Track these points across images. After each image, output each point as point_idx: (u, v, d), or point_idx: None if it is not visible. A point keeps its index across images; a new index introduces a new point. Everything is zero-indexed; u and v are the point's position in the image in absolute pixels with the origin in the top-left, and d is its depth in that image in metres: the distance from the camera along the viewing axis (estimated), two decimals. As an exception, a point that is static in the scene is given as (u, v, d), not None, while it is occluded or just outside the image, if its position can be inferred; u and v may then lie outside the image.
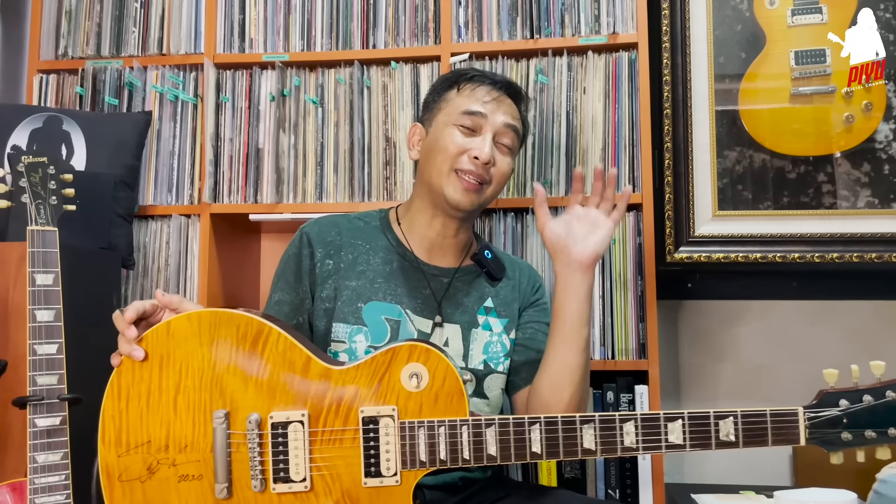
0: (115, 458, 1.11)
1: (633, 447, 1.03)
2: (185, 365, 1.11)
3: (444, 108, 1.40)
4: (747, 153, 1.99)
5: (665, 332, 2.08)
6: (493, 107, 1.37)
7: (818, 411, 1.00)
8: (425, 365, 1.09)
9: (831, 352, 2.03)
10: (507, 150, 1.39)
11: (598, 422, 1.04)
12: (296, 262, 1.39)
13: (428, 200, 1.40)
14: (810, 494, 1.48)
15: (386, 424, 1.08)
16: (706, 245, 1.98)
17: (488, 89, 1.39)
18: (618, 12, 1.91)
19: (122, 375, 1.12)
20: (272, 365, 1.11)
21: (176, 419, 1.10)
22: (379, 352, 1.11)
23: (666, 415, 1.03)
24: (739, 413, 1.01)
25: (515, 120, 1.41)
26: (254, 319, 1.12)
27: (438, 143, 1.37)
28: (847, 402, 1.00)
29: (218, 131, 2.00)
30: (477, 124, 1.36)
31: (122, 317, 1.13)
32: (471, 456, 1.07)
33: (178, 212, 1.97)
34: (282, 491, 1.09)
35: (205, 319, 1.12)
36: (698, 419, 1.02)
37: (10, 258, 1.49)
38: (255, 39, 2.03)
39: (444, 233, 1.41)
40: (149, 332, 1.12)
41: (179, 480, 1.10)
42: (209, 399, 1.10)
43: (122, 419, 1.11)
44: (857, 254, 1.92)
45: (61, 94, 2.07)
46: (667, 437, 1.02)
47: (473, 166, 1.33)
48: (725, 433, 1.01)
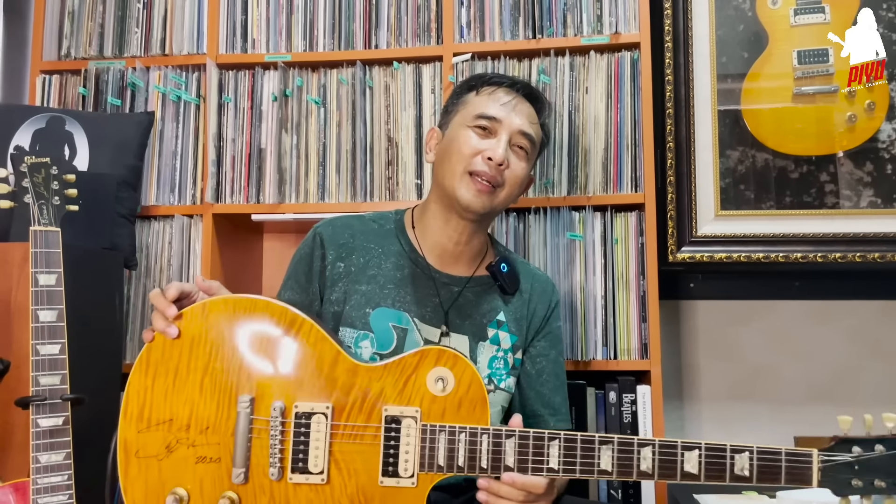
0: (134, 434, 1.11)
1: (648, 472, 1.03)
2: (215, 347, 1.12)
3: (461, 111, 1.39)
4: (750, 153, 1.99)
5: (667, 332, 2.08)
6: (509, 109, 1.35)
7: (832, 455, 1.01)
8: (452, 370, 1.10)
9: (834, 352, 2.03)
10: (522, 154, 1.37)
11: (617, 444, 1.05)
12: (307, 262, 1.39)
13: (442, 203, 1.38)
14: (813, 495, 1.48)
15: (408, 425, 1.09)
16: (708, 245, 1.98)
17: (506, 91, 1.38)
18: (620, 12, 1.91)
19: (152, 352, 1.13)
20: (302, 356, 1.12)
21: (201, 400, 1.11)
22: (408, 353, 1.12)
23: (684, 444, 1.03)
24: (756, 449, 1.01)
25: (533, 124, 1.38)
26: (288, 310, 1.13)
27: (453, 144, 1.36)
28: (860, 449, 1.01)
29: (220, 131, 2.00)
30: (492, 127, 1.34)
31: (163, 295, 1.13)
32: (488, 465, 1.07)
33: (180, 212, 1.97)
34: (298, 481, 1.09)
35: (241, 305, 1.13)
36: (715, 451, 1.02)
37: (14, 258, 1.49)
38: (258, 40, 2.03)
39: (457, 238, 1.38)
40: (185, 311, 1.13)
41: (197, 462, 1.10)
42: (236, 383, 1.11)
43: (146, 395, 1.11)
44: (859, 254, 1.91)
45: (64, 95, 2.07)
46: (683, 465, 1.02)
47: (487, 167, 1.31)
48: (740, 468, 1.01)
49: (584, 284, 1.85)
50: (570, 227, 1.85)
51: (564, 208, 1.85)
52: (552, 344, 1.44)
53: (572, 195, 1.87)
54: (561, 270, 1.84)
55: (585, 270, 1.85)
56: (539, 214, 1.87)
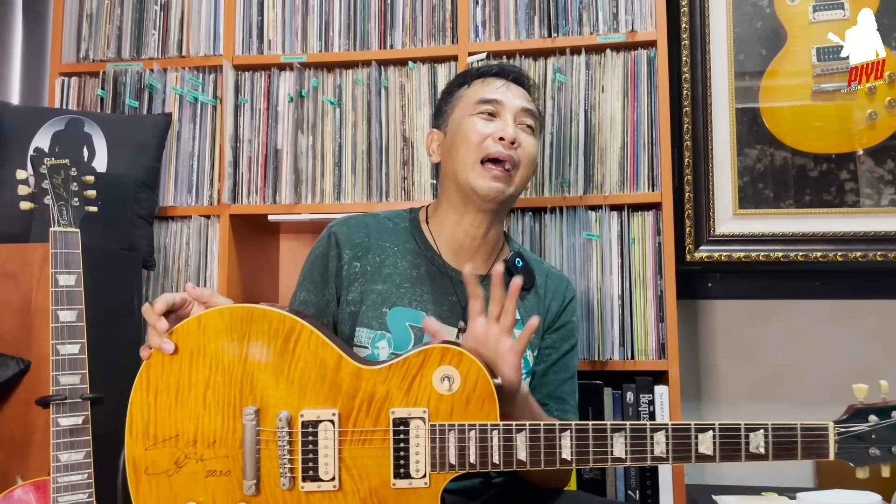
0: (141, 451, 1.11)
1: (662, 457, 1.02)
2: (215, 360, 1.11)
3: (459, 105, 1.40)
4: (768, 151, 1.97)
5: (685, 332, 2.06)
6: (506, 91, 1.37)
7: (848, 426, 0.99)
8: (457, 368, 1.08)
9: (855, 352, 2.00)
10: (529, 131, 1.38)
11: (629, 430, 1.04)
12: (322, 262, 1.37)
13: (456, 199, 1.37)
14: (834, 496, 1.46)
15: (416, 426, 1.08)
16: (727, 244, 1.96)
17: (496, 78, 1.39)
18: (636, 10, 1.89)
19: (151, 368, 1.12)
20: (304, 363, 1.10)
21: (205, 414, 1.10)
22: (411, 353, 1.10)
23: (697, 425, 1.02)
24: (770, 426, 1.00)
25: (530, 103, 1.40)
26: (287, 316, 1.11)
27: (459, 135, 1.35)
28: (876, 417, 1.00)
29: (237, 132, 2.01)
30: (496, 109, 1.35)
31: (153, 309, 1.11)
32: (500, 461, 1.06)
33: (197, 213, 1.99)
34: (310, 490, 1.08)
35: (237, 315, 1.11)
36: (729, 431, 1.01)
37: (34, 259, 1.50)
38: (274, 41, 2.04)
39: (474, 233, 1.37)
40: (180, 326, 1.12)
41: (207, 475, 1.10)
42: (239, 395, 1.10)
43: (150, 412, 1.11)
44: (881, 252, 1.89)
45: (83, 97, 2.09)
46: (697, 447, 1.01)
47: (501, 147, 1.31)
48: (755, 446, 1.00)
49: (601, 284, 1.84)
50: (586, 227, 1.84)
51: (581, 207, 1.84)
52: (564, 337, 1.42)
53: (589, 194, 1.86)
54: (577, 270, 1.83)
55: (602, 270, 1.84)
56: (555, 214, 1.86)
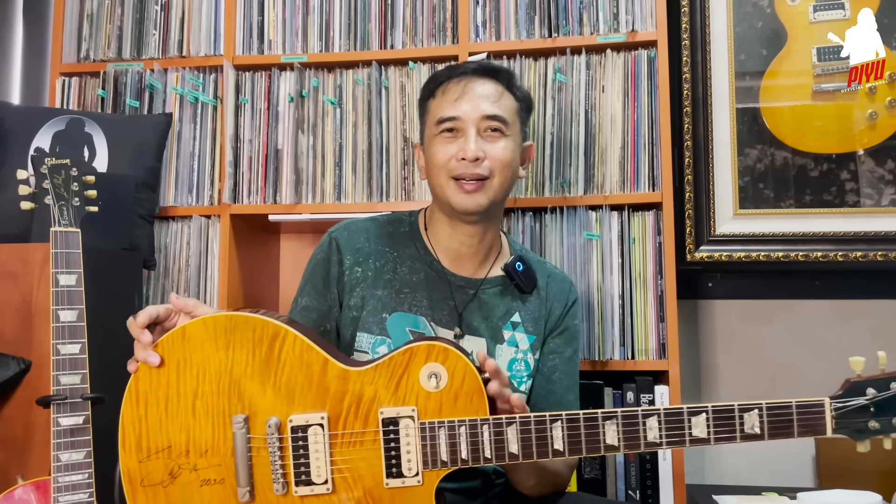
0: (136, 464, 1.11)
1: (656, 442, 1.02)
2: (202, 370, 1.11)
3: (428, 122, 1.39)
4: (769, 151, 1.97)
5: (685, 332, 2.06)
6: (464, 101, 1.32)
7: (845, 401, 0.98)
8: (444, 364, 1.08)
9: (855, 352, 1.96)
10: (498, 134, 1.33)
11: (621, 417, 1.03)
12: (324, 268, 1.37)
13: (444, 213, 1.38)
14: (834, 496, 1.46)
15: (406, 425, 1.08)
16: (727, 244, 1.96)
17: (455, 82, 1.35)
18: (637, 10, 1.89)
19: (139, 381, 1.12)
20: (290, 368, 1.10)
21: (195, 424, 1.10)
22: (396, 351, 1.10)
23: (690, 409, 1.02)
24: (765, 405, 0.99)
25: (496, 102, 1.33)
26: (269, 322, 1.11)
27: (430, 158, 1.36)
28: (874, 390, 0.98)
29: (237, 132, 2.01)
30: (456, 125, 1.32)
31: (136, 322, 1.12)
32: (492, 455, 1.06)
33: (198, 213, 1.99)
34: (304, 493, 1.08)
35: (220, 323, 1.11)
36: (722, 412, 1.01)
37: (34, 259, 1.50)
38: (274, 41, 2.04)
39: (468, 242, 1.38)
40: (164, 338, 1.12)
41: (202, 485, 1.10)
42: (227, 403, 1.10)
43: (141, 425, 1.11)
44: (881, 252, 1.89)
45: (83, 97, 2.09)
46: (690, 430, 1.01)
47: (465, 168, 1.30)
48: (750, 426, 0.99)
49: (602, 284, 1.84)
50: (587, 227, 1.84)
51: (581, 207, 1.85)
52: (567, 342, 1.42)
53: (589, 194, 1.86)
54: (578, 270, 1.83)
55: (602, 270, 1.84)
56: (556, 214, 1.86)
